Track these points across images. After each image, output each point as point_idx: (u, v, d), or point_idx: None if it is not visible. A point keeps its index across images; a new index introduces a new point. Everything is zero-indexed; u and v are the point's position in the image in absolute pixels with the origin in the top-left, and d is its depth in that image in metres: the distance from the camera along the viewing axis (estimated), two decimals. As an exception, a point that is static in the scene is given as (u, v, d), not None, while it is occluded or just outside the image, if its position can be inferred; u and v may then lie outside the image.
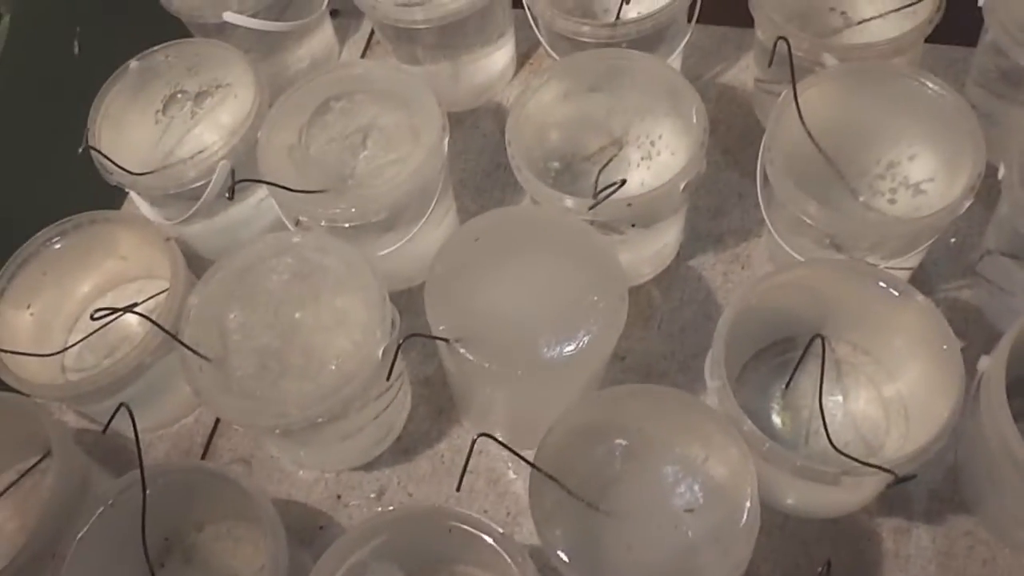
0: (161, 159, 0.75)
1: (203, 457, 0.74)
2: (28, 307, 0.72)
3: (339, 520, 0.70)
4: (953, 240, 0.74)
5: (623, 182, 0.62)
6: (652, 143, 0.72)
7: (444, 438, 0.73)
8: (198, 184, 0.71)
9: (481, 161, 0.84)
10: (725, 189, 0.79)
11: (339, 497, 0.71)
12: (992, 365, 0.56)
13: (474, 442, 0.55)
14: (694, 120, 0.66)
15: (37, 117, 0.86)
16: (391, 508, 0.70)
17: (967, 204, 0.61)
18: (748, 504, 0.54)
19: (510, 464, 0.70)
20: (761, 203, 0.69)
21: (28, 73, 0.86)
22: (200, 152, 0.73)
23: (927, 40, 0.71)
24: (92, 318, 0.59)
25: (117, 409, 0.58)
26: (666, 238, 0.73)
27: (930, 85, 0.65)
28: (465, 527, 0.57)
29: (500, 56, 0.86)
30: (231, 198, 0.65)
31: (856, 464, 0.55)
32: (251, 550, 0.65)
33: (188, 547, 0.66)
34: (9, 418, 0.66)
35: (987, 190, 0.63)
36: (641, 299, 0.75)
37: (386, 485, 0.71)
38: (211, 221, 0.76)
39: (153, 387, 0.70)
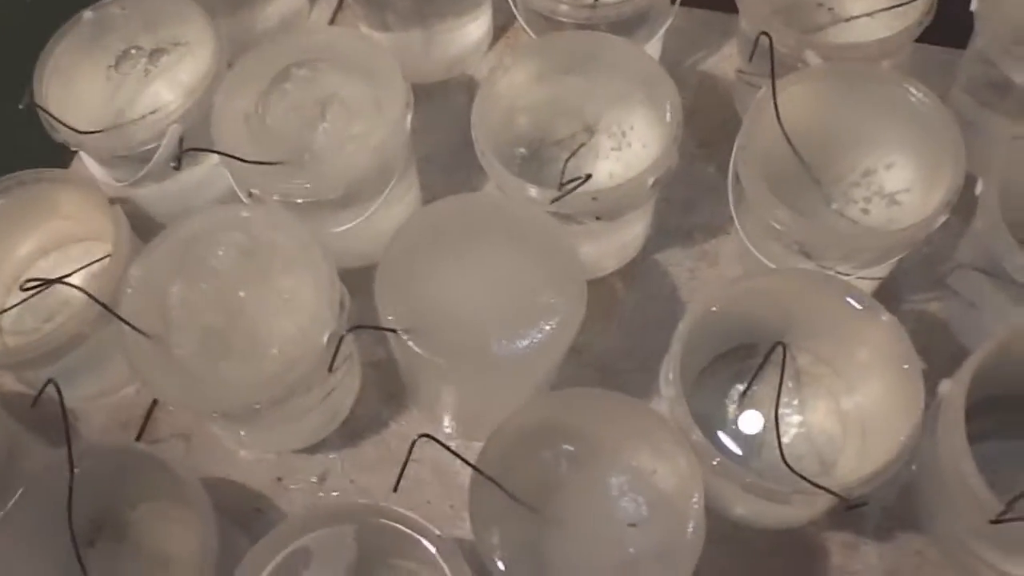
0: (112, 118, 0.71)
1: (141, 430, 0.71)
2: (-35, 267, 0.70)
3: (279, 504, 0.68)
4: (926, 251, 0.72)
5: (588, 176, 0.60)
6: (623, 133, 0.69)
7: (392, 424, 0.71)
8: (148, 147, 0.68)
9: (449, 137, 0.81)
10: (698, 183, 0.77)
11: (280, 479, 0.69)
12: (952, 390, 0.55)
13: (414, 442, 0.53)
14: (668, 114, 0.63)
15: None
16: (334, 493, 0.68)
17: (942, 220, 0.59)
18: (693, 520, 0.53)
19: (458, 455, 0.68)
20: (731, 202, 0.66)
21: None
22: (152, 113, 0.70)
23: (916, 40, 0.68)
24: (22, 288, 0.56)
25: (44, 386, 0.56)
26: (633, 231, 0.71)
27: (914, 92, 0.63)
28: (400, 527, 0.55)
29: (475, 27, 0.83)
30: (178, 167, 0.62)
31: (807, 484, 0.53)
32: (185, 531, 0.63)
33: (120, 526, 0.64)
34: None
35: (963, 201, 0.61)
36: (603, 292, 0.73)
37: (329, 470, 0.69)
38: (161, 185, 0.73)
39: (93, 356, 0.68)
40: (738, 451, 0.61)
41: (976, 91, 0.70)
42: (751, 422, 0.63)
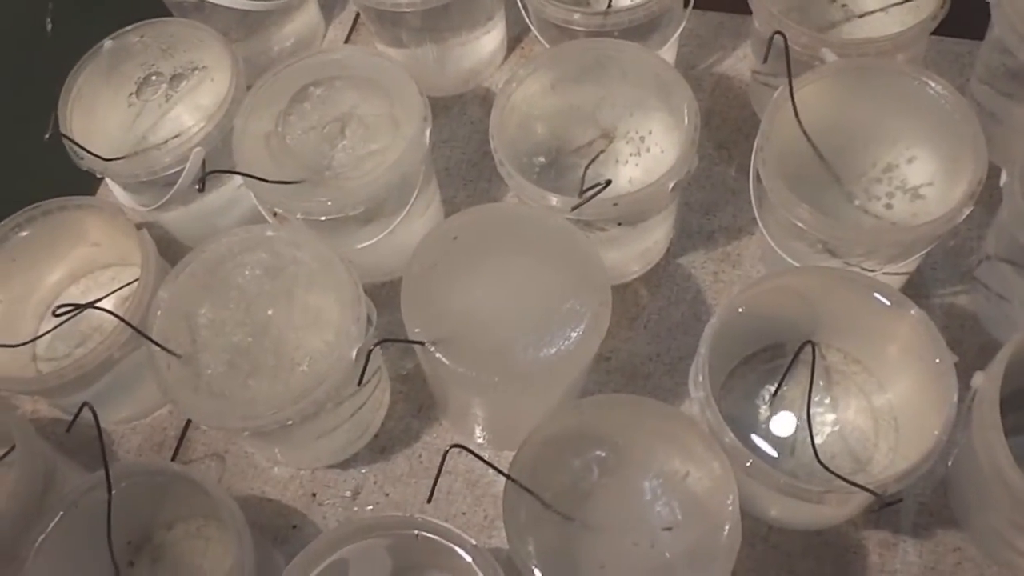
0: (134, 144, 0.72)
1: (176, 451, 0.72)
2: (-4, 296, 0.70)
3: (313, 519, 0.68)
4: (952, 243, 0.72)
5: (608, 183, 0.60)
6: (642, 139, 0.69)
7: (423, 437, 0.71)
8: (172, 171, 0.69)
9: (468, 150, 0.82)
10: (718, 185, 0.77)
11: (314, 495, 0.69)
12: (986, 383, 0.54)
13: (446, 453, 0.53)
14: (685, 118, 0.63)
15: (8, 98, 0.83)
16: (368, 508, 0.69)
17: (966, 212, 0.59)
18: (729, 523, 0.53)
19: (489, 466, 0.68)
20: (753, 203, 0.66)
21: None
22: (174, 137, 0.71)
23: (932, 33, 0.68)
24: (54, 314, 0.57)
25: (80, 409, 0.56)
26: (654, 236, 0.71)
27: (932, 85, 0.62)
28: (436, 538, 0.55)
29: (489, 40, 0.83)
30: (201, 190, 0.62)
31: (841, 483, 0.53)
32: (221, 549, 0.64)
33: (157, 546, 0.65)
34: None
35: (988, 192, 0.61)
36: (628, 297, 0.73)
37: (362, 484, 0.69)
38: (187, 208, 0.74)
39: (124, 380, 0.68)
40: (771, 452, 0.61)
41: (995, 81, 0.70)
42: (783, 423, 0.63)
